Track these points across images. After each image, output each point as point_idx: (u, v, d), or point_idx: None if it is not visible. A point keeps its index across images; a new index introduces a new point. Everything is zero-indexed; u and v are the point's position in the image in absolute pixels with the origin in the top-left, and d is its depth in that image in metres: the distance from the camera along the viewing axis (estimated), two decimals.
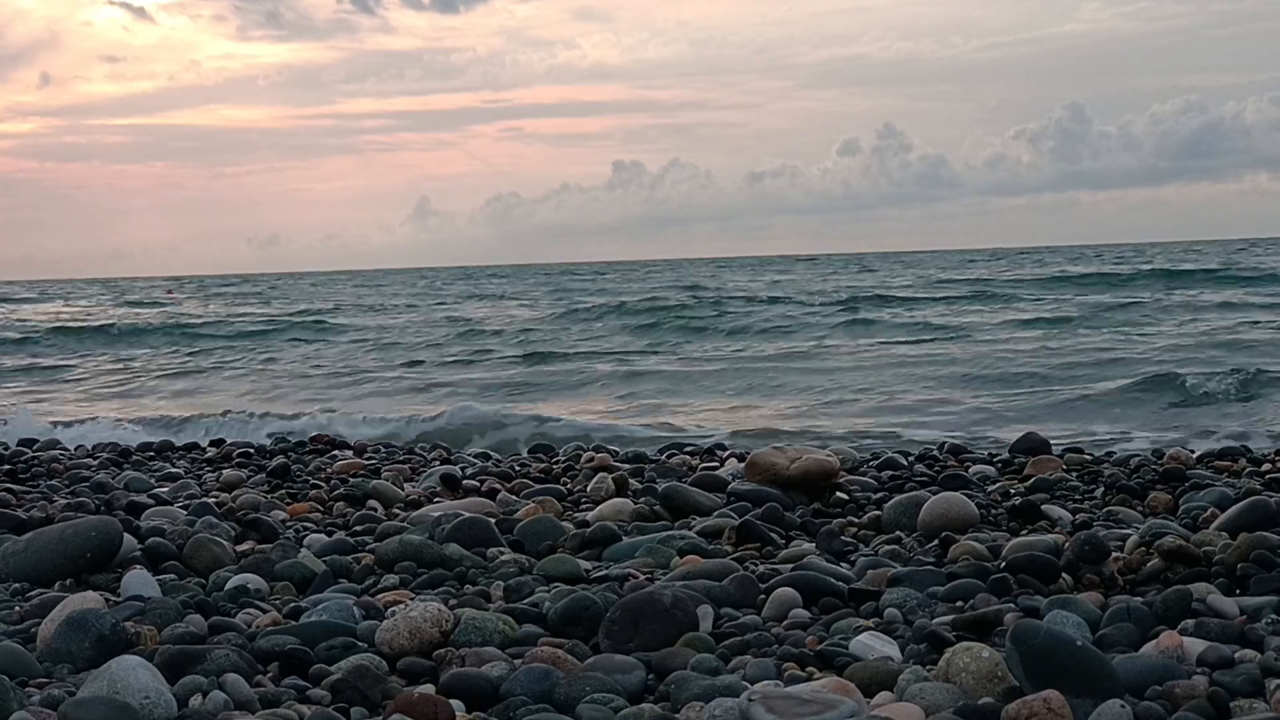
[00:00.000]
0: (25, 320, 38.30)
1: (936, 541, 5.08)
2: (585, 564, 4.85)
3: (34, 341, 29.39)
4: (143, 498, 6.41)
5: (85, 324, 34.26)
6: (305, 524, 5.92)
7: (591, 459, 7.70)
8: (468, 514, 5.52)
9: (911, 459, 7.78)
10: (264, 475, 7.45)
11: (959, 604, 4.11)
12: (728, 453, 8.38)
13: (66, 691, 3.27)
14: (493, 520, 5.50)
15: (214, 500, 6.39)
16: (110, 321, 34.93)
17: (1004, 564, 4.45)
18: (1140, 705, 3.02)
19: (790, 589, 4.24)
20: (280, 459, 8.04)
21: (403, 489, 6.87)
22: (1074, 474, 6.85)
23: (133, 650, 3.58)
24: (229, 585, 4.54)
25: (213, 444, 9.85)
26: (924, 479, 6.81)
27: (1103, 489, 6.37)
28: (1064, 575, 4.35)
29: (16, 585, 4.58)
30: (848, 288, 40.92)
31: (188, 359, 23.76)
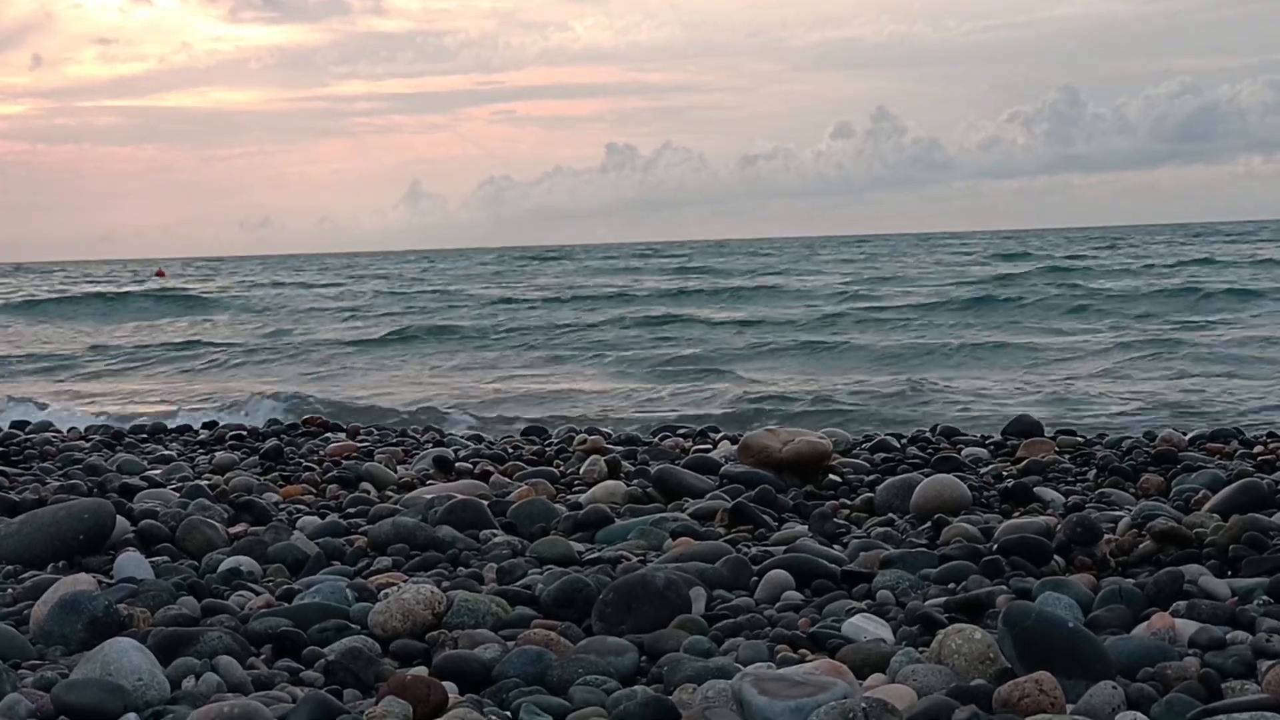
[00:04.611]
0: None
1: (929, 524, 5.08)
2: (578, 546, 4.85)
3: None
4: (135, 480, 6.39)
5: None
6: (298, 506, 5.91)
7: (584, 441, 7.69)
8: (461, 496, 5.52)
9: (904, 441, 7.78)
10: (257, 458, 7.44)
11: (951, 586, 4.12)
12: (720, 435, 8.38)
13: (59, 673, 3.26)
14: (485, 503, 5.50)
15: (207, 483, 6.37)
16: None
17: (996, 546, 4.46)
18: (1132, 687, 3.03)
19: (783, 571, 4.25)
20: (273, 441, 8.02)
21: (396, 471, 6.86)
22: (1066, 456, 6.85)
23: (125, 632, 3.57)
24: (222, 567, 4.53)
25: (205, 426, 9.84)
26: (916, 461, 6.81)
27: (1095, 471, 6.38)
28: (1056, 557, 4.35)
29: (9, 567, 4.57)
30: None
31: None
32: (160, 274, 62.36)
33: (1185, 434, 7.75)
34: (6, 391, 15.59)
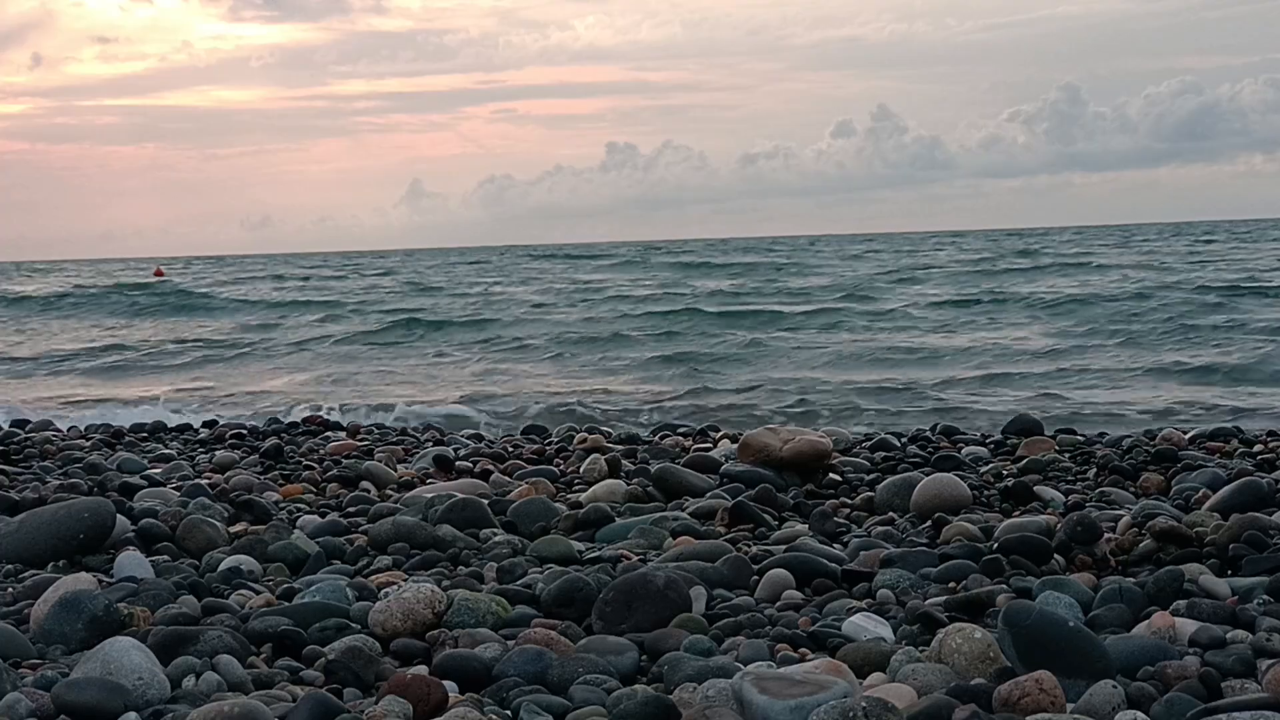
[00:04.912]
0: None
1: (929, 523, 5.08)
2: (578, 545, 4.86)
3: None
4: (136, 479, 6.40)
5: None
6: (298, 505, 5.91)
7: (584, 440, 7.69)
8: (461, 495, 5.52)
9: (904, 440, 7.78)
10: (257, 456, 7.44)
11: (951, 585, 4.12)
12: (720, 434, 8.38)
13: (59, 673, 3.26)
14: (486, 502, 5.50)
15: (207, 481, 6.38)
16: None
17: (996, 545, 4.46)
18: (1132, 686, 3.03)
19: (783, 570, 4.25)
20: (273, 440, 8.03)
21: (396, 470, 6.86)
22: (1066, 455, 6.86)
23: (126, 631, 3.58)
24: (222, 566, 4.54)
25: (205, 425, 9.84)
26: (916, 460, 6.82)
27: (1095, 470, 6.38)
28: (1056, 556, 4.35)
29: (9, 566, 4.58)
30: None
31: None
32: (158, 273, 62.25)
33: (1185, 432, 7.75)
34: (7, 392, 15.62)
